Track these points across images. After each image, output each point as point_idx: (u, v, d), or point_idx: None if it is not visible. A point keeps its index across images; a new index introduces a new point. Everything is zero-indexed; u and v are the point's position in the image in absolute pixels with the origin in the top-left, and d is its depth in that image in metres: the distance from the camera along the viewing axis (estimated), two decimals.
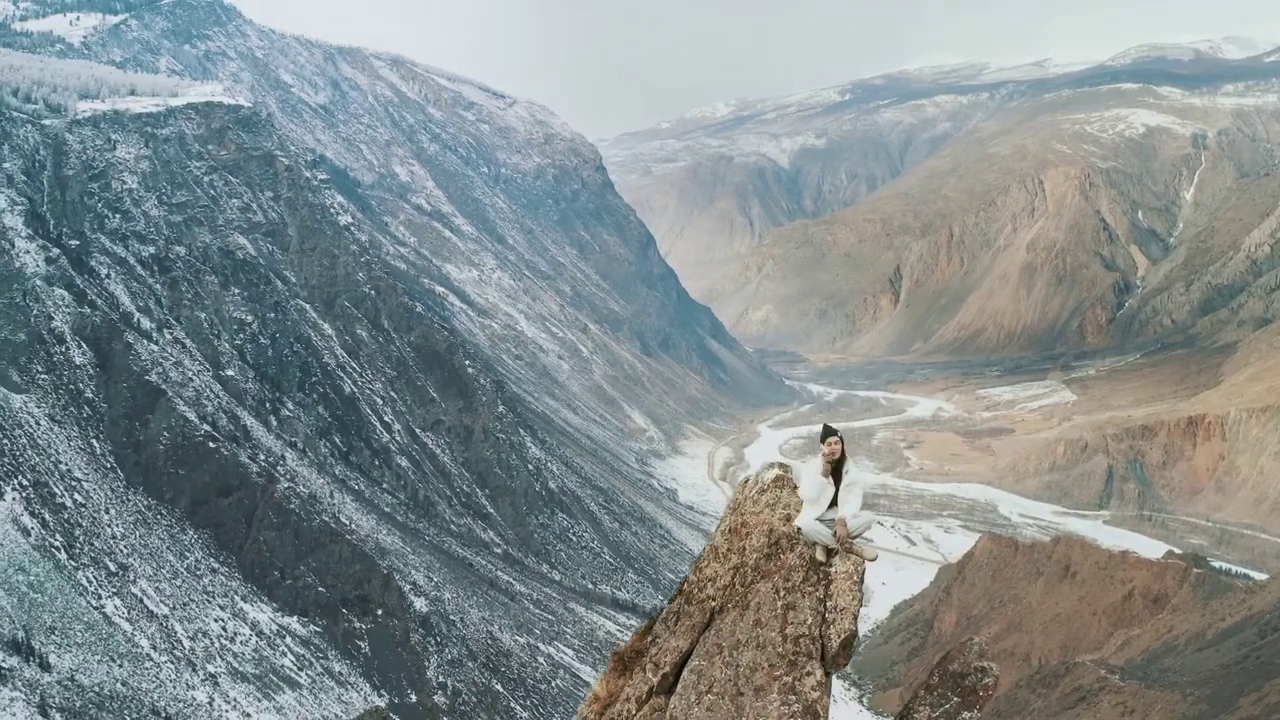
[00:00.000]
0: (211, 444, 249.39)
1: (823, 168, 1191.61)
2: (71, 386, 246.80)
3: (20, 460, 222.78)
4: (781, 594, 22.35)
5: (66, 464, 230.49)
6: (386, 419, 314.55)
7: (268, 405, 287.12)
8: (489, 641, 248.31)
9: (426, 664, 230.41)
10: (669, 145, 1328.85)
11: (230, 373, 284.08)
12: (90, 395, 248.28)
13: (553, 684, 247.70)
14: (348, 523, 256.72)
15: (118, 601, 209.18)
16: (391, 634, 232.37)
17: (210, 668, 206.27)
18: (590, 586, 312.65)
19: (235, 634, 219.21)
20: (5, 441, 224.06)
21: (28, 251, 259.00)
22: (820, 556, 22.75)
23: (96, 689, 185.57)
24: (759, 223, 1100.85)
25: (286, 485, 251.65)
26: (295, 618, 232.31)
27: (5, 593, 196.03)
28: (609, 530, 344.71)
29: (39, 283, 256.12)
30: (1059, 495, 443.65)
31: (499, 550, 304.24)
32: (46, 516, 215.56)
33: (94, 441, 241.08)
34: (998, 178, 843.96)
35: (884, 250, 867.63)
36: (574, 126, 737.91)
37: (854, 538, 22.99)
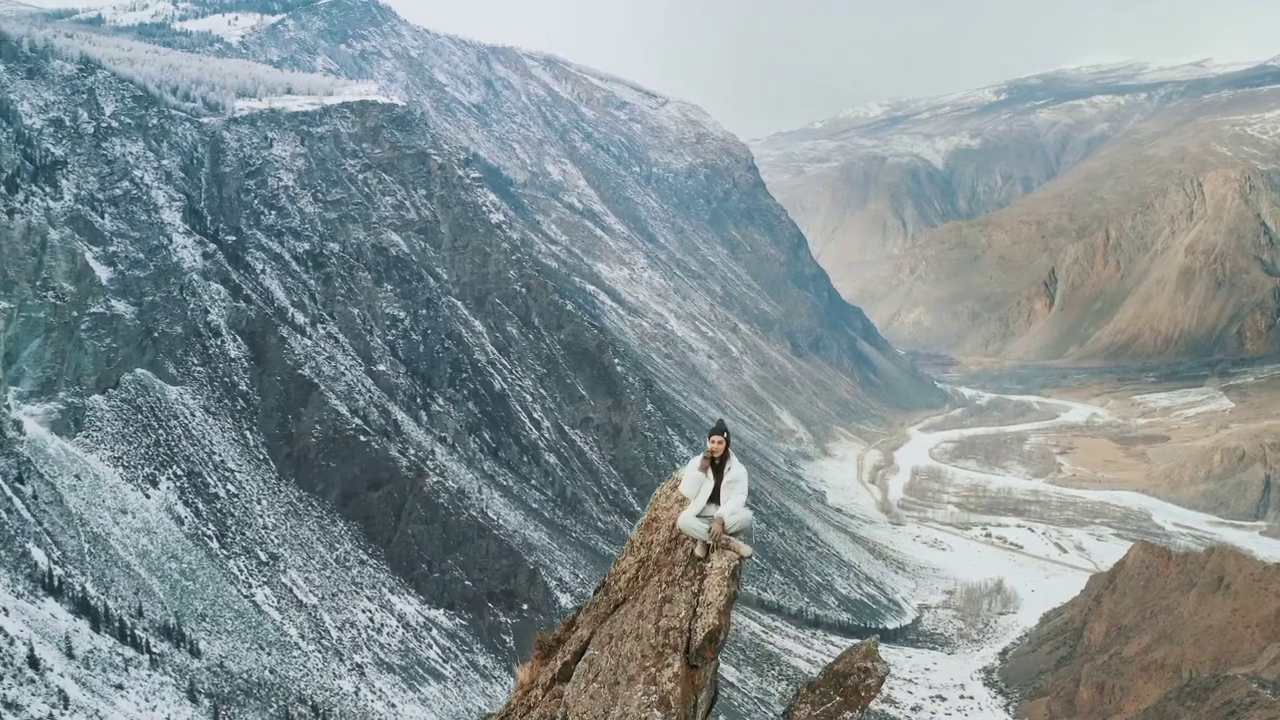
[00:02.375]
0: (362, 438, 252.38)
1: (977, 168, 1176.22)
2: (226, 379, 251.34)
3: (175, 451, 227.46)
4: (663, 587, 22.54)
5: (220, 455, 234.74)
6: (535, 416, 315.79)
7: (418, 400, 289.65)
8: None
9: None
10: (822, 145, 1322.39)
11: (382, 368, 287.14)
12: (244, 388, 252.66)
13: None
14: (495, 518, 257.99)
15: (268, 590, 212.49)
16: (536, 629, 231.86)
17: (357, 658, 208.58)
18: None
19: (382, 625, 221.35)
20: (161, 432, 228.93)
21: (185, 247, 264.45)
22: (699, 552, 22.76)
23: (245, 675, 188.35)
24: (912, 224, 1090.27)
25: (436, 480, 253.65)
26: (442, 610, 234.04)
27: (158, 580, 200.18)
28: (755, 531, 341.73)
29: (196, 277, 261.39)
30: (1215, 505, 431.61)
31: None
32: (200, 506, 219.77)
33: (247, 433, 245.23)
34: (1156, 180, 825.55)
35: (1039, 253, 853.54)
36: (726, 126, 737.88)
37: (733, 535, 22.69)
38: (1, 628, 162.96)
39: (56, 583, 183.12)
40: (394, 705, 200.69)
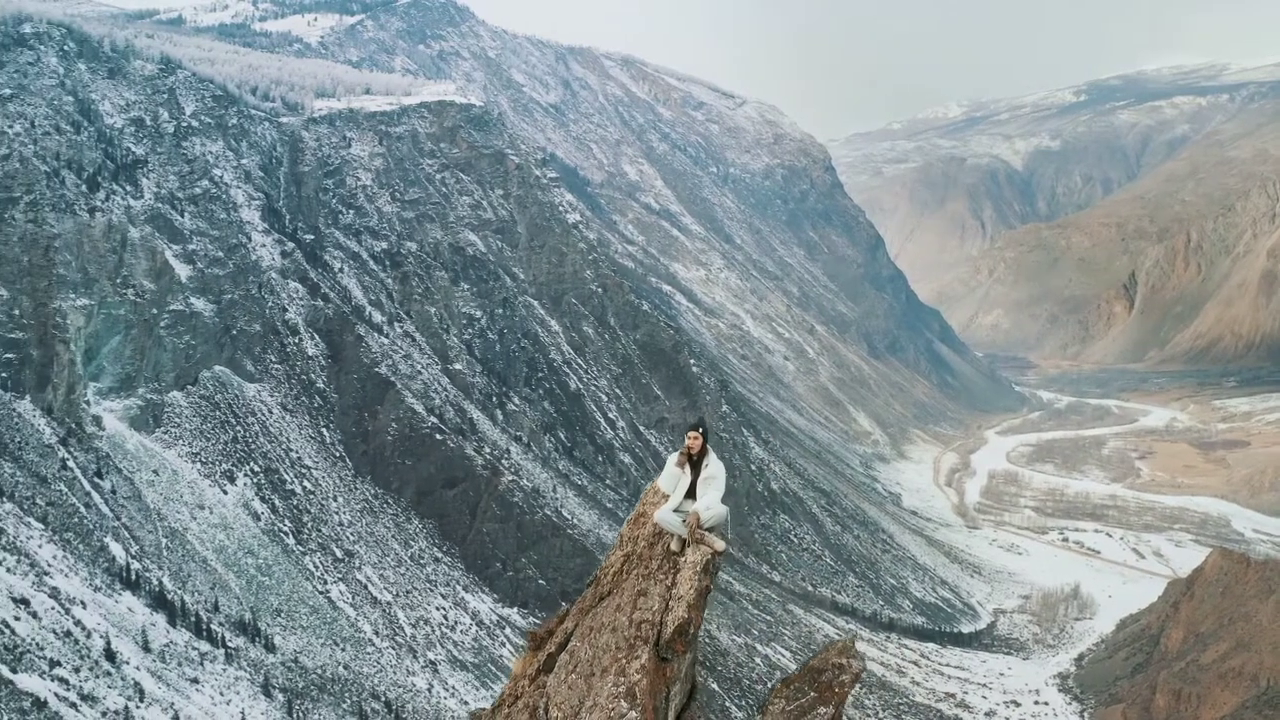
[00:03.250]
0: (438, 436, 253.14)
1: (1057, 170, 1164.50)
2: (304, 377, 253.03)
3: (252, 447, 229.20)
4: (640, 581, 22.80)
5: (297, 452, 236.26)
6: (610, 415, 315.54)
7: (494, 399, 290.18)
8: (706, 640, 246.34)
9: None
10: (900, 146, 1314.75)
11: (458, 366, 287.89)
12: (321, 385, 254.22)
13: (768, 685, 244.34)
14: (570, 517, 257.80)
15: (342, 587, 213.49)
16: None
17: (430, 655, 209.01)
18: (810, 589, 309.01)
19: (456, 623, 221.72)
20: (239, 429, 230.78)
21: (264, 245, 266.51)
22: (675, 547, 23.01)
23: (319, 671, 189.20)
24: (990, 225, 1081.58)
25: (510, 479, 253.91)
26: (515, 609, 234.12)
27: (235, 575, 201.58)
28: (831, 533, 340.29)
29: (274, 276, 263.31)
30: None
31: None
32: (276, 502, 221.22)
33: (324, 430, 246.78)
34: (1238, 182, 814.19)
35: (1119, 255, 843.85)
36: (803, 127, 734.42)
37: (708, 530, 23.03)
38: (79, 621, 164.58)
39: (134, 577, 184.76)
40: (466, 703, 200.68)
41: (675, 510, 23.26)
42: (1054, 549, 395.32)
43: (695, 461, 23.70)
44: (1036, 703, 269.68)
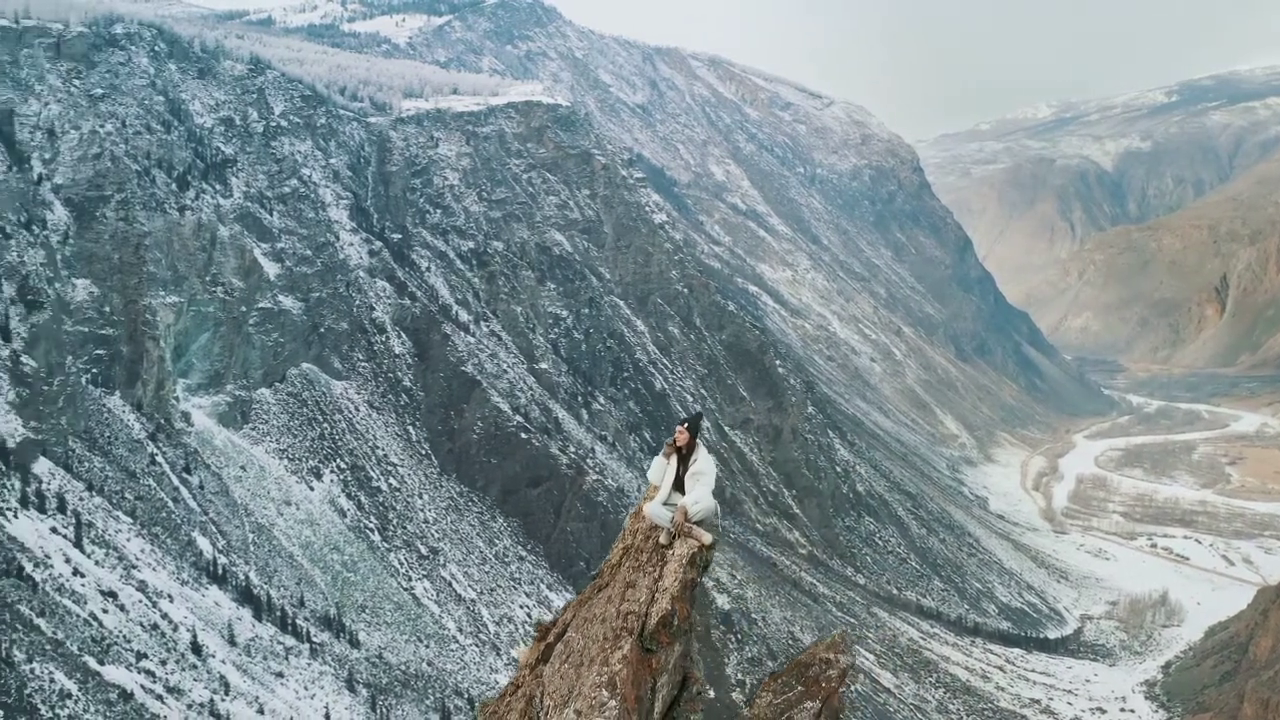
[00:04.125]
0: (523, 435, 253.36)
1: (1147, 171, 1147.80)
2: (390, 375, 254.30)
3: (339, 444, 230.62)
4: (630, 573, 23.14)
5: (383, 449, 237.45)
6: None
7: (579, 399, 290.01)
8: (790, 642, 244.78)
9: (726, 661, 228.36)
10: (989, 147, 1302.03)
11: (544, 366, 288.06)
12: (408, 384, 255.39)
13: (852, 688, 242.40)
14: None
15: (427, 584, 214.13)
16: (693, 629, 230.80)
17: (514, 653, 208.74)
18: (894, 592, 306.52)
19: (540, 621, 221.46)
20: (325, 426, 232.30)
21: (352, 244, 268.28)
22: (664, 540, 23.37)
23: (402, 667, 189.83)
24: (1080, 227, 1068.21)
25: (595, 478, 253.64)
26: None
27: (320, 571, 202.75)
28: (916, 536, 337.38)
29: (362, 274, 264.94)
30: None
31: (804, 551, 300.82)
32: (362, 499, 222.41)
33: (410, 428, 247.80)
34: None
35: (1210, 258, 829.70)
36: (891, 127, 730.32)
37: (696, 524, 23.26)
38: (166, 614, 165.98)
39: (221, 571, 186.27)
40: None
41: (665, 504, 23.59)
42: (1142, 555, 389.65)
43: (684, 456, 23.77)
44: (1123, 710, 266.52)
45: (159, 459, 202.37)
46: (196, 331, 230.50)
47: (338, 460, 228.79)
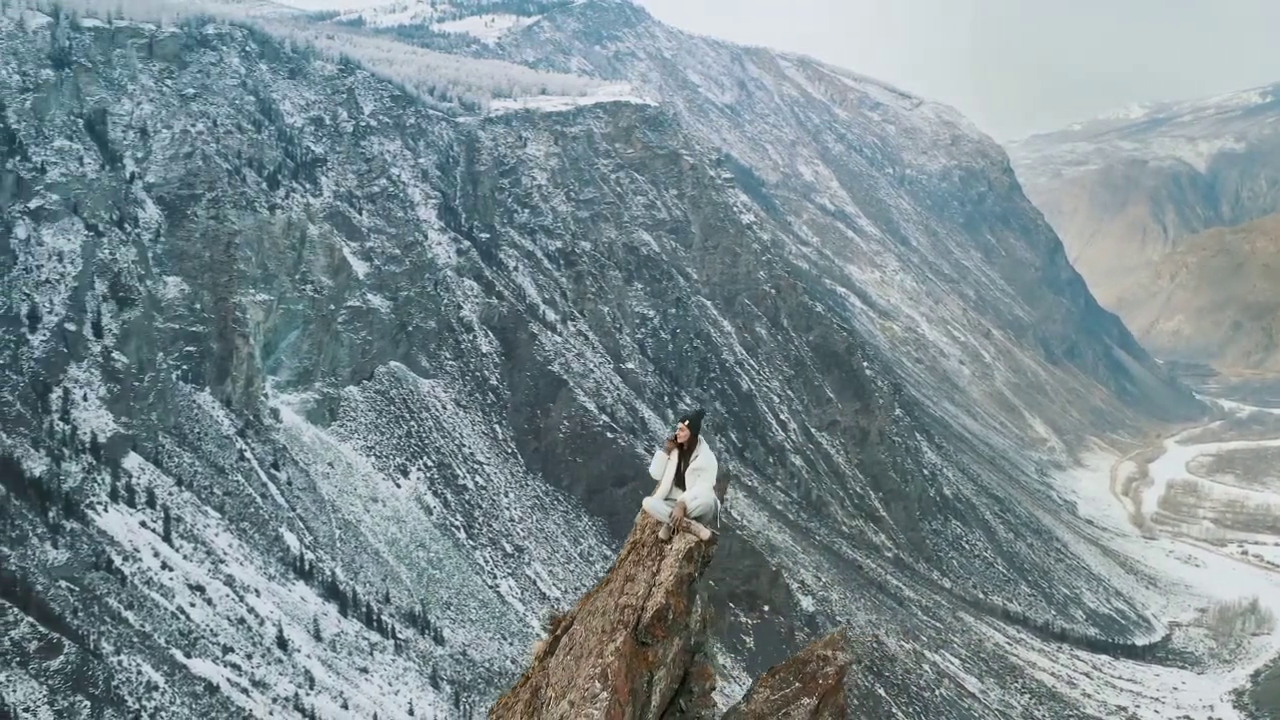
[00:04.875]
0: (609, 434, 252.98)
1: (1241, 173, 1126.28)
2: (477, 374, 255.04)
3: (426, 442, 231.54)
4: (631, 567, 23.27)
5: (470, 448, 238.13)
6: (782, 417, 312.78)
7: (665, 399, 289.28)
8: (874, 645, 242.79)
9: None
10: (1080, 148, 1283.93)
11: (630, 365, 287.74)
12: (495, 382, 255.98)
13: (936, 692, 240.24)
14: (739, 518, 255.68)
15: (512, 582, 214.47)
16: (777, 631, 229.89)
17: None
18: (981, 596, 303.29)
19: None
20: (413, 424, 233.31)
21: (440, 243, 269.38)
22: (663, 535, 23.50)
23: (486, 664, 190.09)
24: (1173, 229, 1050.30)
25: None
26: None
27: (406, 567, 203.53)
28: (1003, 540, 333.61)
29: (450, 273, 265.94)
30: None
31: (889, 554, 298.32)
32: (449, 497, 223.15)
33: (496, 427, 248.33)
34: None
35: None
36: (981, 128, 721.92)
37: (695, 519, 23.43)
38: (253, 609, 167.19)
39: (307, 567, 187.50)
40: None
41: (666, 499, 23.80)
42: (1233, 562, 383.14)
43: (686, 452, 23.99)
44: (1210, 719, 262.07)
45: (248, 455, 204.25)
46: (286, 329, 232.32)
47: (424, 458, 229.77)
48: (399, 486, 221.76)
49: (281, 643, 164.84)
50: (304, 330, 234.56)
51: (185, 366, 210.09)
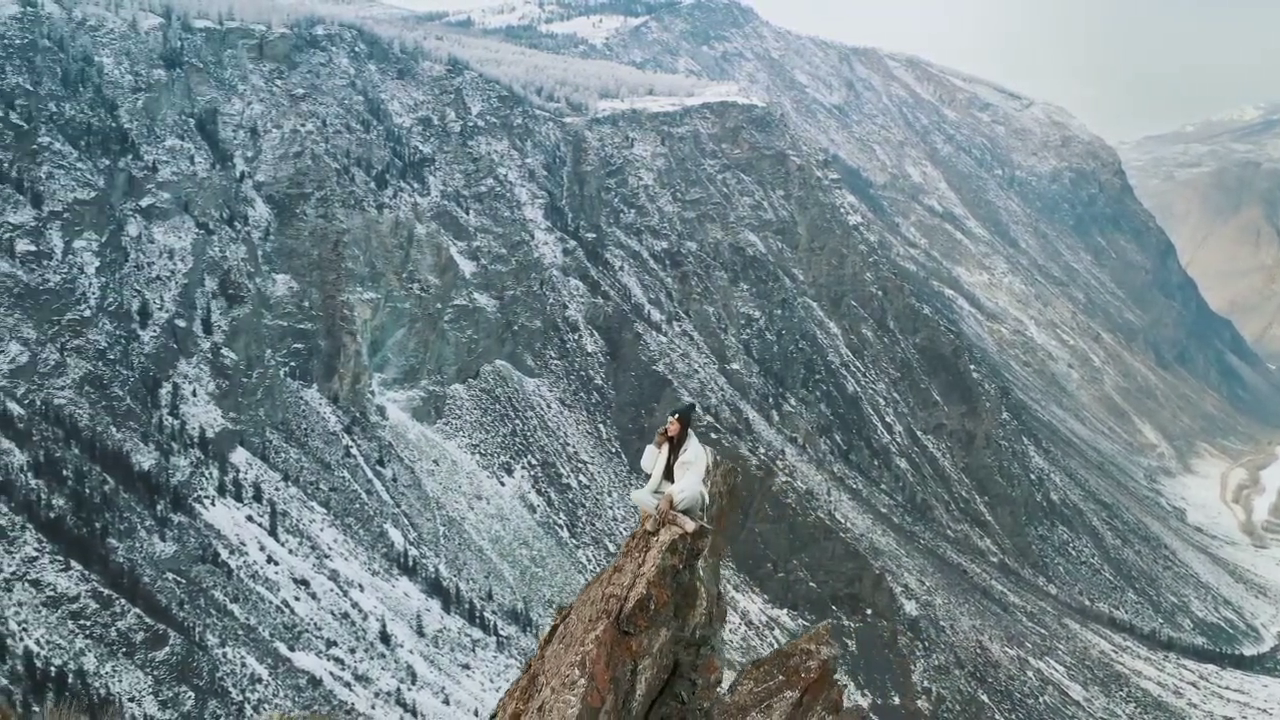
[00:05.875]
0: (713, 435, 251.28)
1: None
2: (582, 373, 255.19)
3: (530, 441, 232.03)
4: (622, 558, 23.53)
5: (574, 447, 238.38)
6: (888, 420, 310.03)
7: (770, 400, 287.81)
8: (978, 650, 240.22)
9: (912, 667, 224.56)
10: (1193, 149, 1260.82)
11: (735, 366, 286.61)
12: (599, 382, 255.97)
13: (1040, 699, 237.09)
14: (843, 520, 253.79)
15: None
16: (879, 634, 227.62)
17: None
18: (1087, 603, 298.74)
19: (725, 622, 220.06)
20: (517, 422, 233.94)
21: (546, 243, 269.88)
22: (650, 527, 23.53)
23: None
24: None
25: (784, 479, 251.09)
26: (785, 610, 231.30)
27: (509, 565, 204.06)
28: (1110, 547, 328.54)
29: (556, 273, 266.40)
30: None
31: (994, 559, 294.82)
32: (552, 495, 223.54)
33: (601, 426, 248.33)
34: None
35: None
36: (1092, 129, 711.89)
37: (682, 512, 23.32)
38: (357, 603, 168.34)
39: (411, 563, 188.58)
40: None
41: (656, 492, 23.72)
42: None
43: (676, 446, 23.86)
44: None
45: (354, 451, 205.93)
46: (393, 327, 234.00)
47: (529, 456, 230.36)
48: (503, 484, 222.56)
49: (384, 638, 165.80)
50: (410, 328, 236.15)
51: (293, 363, 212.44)
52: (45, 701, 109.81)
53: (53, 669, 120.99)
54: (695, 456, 23.57)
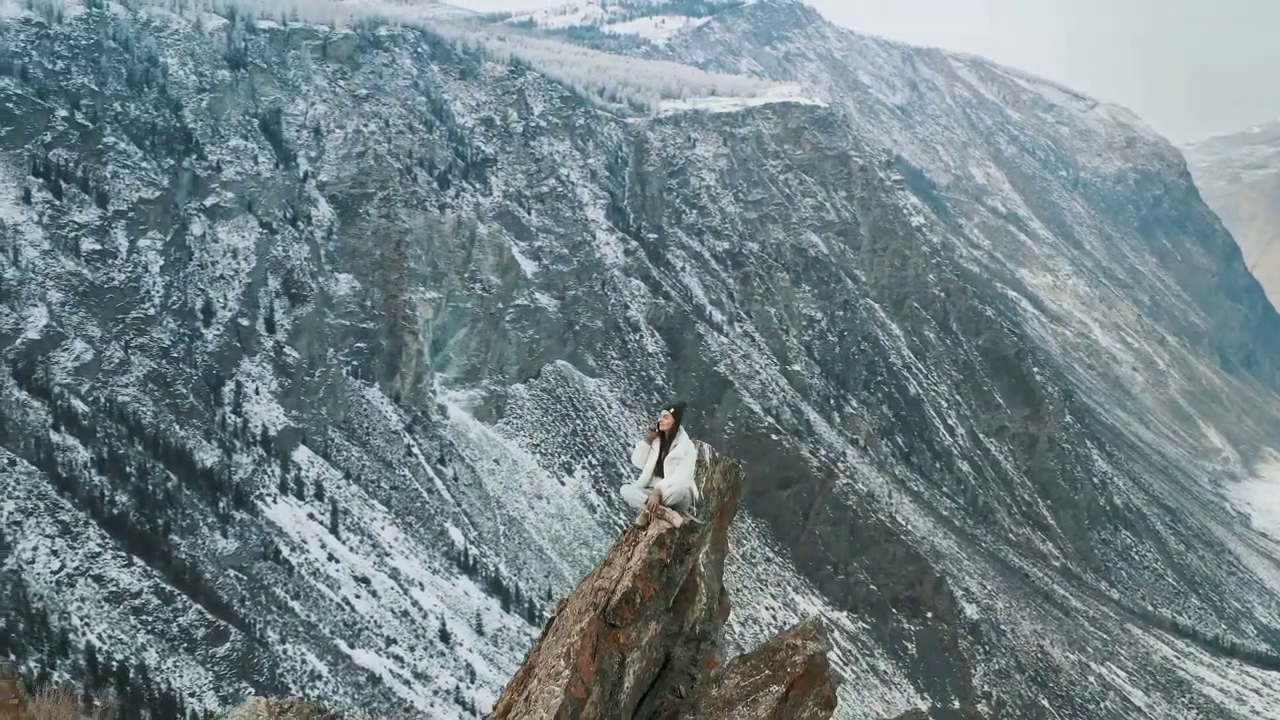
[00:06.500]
0: (774, 436, 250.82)
1: None
2: (643, 373, 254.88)
3: (591, 440, 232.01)
4: (612, 553, 23.52)
5: (635, 447, 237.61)
6: (950, 422, 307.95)
7: (831, 402, 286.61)
8: (1039, 655, 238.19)
9: (973, 671, 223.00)
10: (1259, 151, 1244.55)
11: (796, 368, 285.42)
12: (660, 382, 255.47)
13: (1101, 705, 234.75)
14: (904, 523, 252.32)
15: None
16: (939, 638, 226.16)
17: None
18: (1149, 608, 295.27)
19: (785, 624, 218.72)
20: (578, 422, 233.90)
21: (608, 244, 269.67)
22: (639, 521, 23.54)
23: None
24: None
25: (845, 482, 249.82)
26: (845, 613, 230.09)
27: (569, 565, 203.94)
28: (1174, 552, 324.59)
29: (617, 273, 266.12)
30: None
31: (1057, 563, 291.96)
32: (612, 495, 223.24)
33: None
34: None
35: None
36: (1158, 130, 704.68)
37: (671, 507, 23.30)
38: (417, 602, 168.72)
39: (471, 562, 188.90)
40: None
41: (647, 487, 23.78)
42: None
43: (667, 441, 23.99)
44: None
45: (415, 450, 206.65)
46: (454, 327, 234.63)
47: (589, 456, 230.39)
48: (563, 484, 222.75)
49: (444, 636, 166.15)
50: (472, 328, 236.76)
51: (355, 362, 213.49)
52: (107, 696, 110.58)
53: (114, 664, 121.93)
54: (685, 452, 23.66)
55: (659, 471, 23.71)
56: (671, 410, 24.28)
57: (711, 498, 25.29)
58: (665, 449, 23.80)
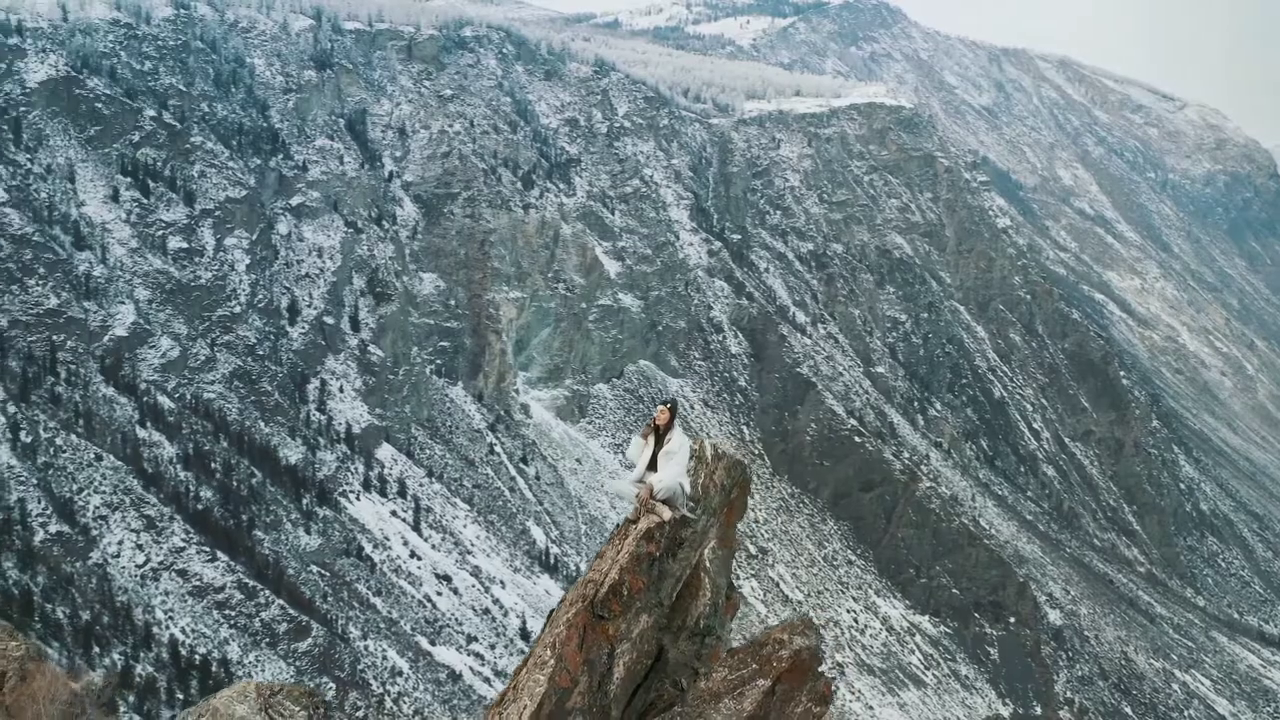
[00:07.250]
0: (857, 438, 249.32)
1: None
2: (726, 374, 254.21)
3: None
4: (605, 546, 23.58)
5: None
6: (1035, 426, 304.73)
7: (915, 404, 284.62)
8: (1122, 662, 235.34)
9: (1055, 677, 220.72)
10: None
11: (880, 370, 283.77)
12: (743, 384, 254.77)
13: (1185, 713, 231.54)
14: (987, 527, 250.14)
15: (755, 583, 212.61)
16: (1022, 643, 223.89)
17: (838, 657, 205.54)
18: (1235, 616, 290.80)
19: (866, 627, 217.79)
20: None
21: (691, 244, 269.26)
22: (631, 515, 23.51)
23: None
24: None
25: (929, 485, 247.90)
26: (926, 617, 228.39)
27: None
28: (1261, 559, 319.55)
29: (701, 274, 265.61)
30: None
31: (1142, 569, 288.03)
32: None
33: (744, 428, 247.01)
34: None
35: None
36: (1248, 131, 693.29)
37: (663, 501, 23.23)
38: (498, 600, 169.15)
39: (552, 560, 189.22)
40: (871, 708, 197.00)
41: (640, 481, 23.62)
42: None
43: (661, 436, 23.78)
44: None
45: (498, 449, 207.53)
46: (538, 326, 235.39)
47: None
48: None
49: (525, 634, 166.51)
50: (555, 328, 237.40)
51: (439, 361, 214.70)
52: (190, 689, 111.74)
53: (197, 657, 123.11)
54: (678, 447, 23.53)
55: (653, 466, 23.55)
56: (667, 405, 24.07)
57: (714, 494, 24.85)
58: (660, 444, 23.68)
